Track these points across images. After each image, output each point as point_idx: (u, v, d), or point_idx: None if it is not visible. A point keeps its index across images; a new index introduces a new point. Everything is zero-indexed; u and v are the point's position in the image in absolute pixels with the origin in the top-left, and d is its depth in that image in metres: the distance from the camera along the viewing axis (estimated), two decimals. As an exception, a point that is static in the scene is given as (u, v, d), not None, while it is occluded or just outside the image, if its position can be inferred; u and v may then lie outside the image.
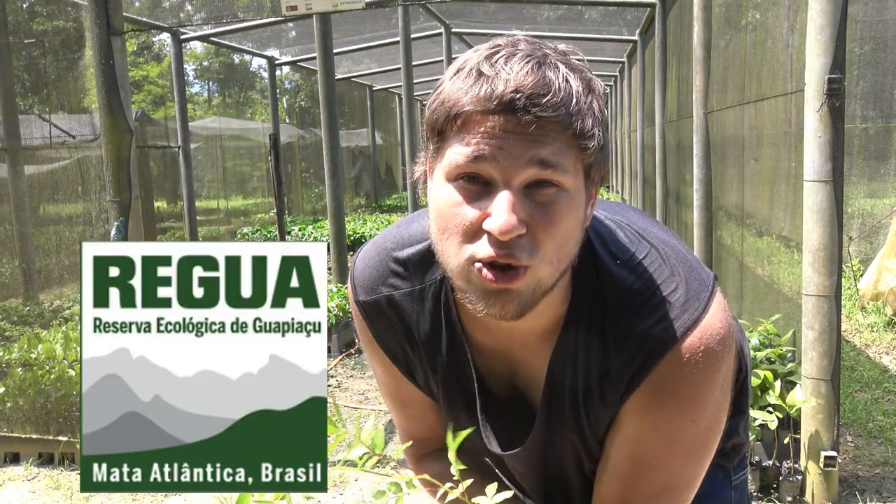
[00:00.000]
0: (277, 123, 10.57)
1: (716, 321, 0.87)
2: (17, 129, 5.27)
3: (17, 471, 3.32)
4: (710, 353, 0.86)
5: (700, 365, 0.85)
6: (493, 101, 0.76)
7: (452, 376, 1.00)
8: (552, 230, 0.79)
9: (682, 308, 0.87)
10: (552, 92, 0.76)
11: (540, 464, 1.02)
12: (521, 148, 0.76)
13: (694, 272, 0.90)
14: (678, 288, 0.88)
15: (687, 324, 0.86)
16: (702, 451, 0.92)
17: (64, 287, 5.28)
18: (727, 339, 0.88)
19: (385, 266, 0.99)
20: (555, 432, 0.97)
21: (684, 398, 0.87)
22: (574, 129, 0.77)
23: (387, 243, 1.01)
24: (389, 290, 0.99)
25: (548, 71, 0.77)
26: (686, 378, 0.86)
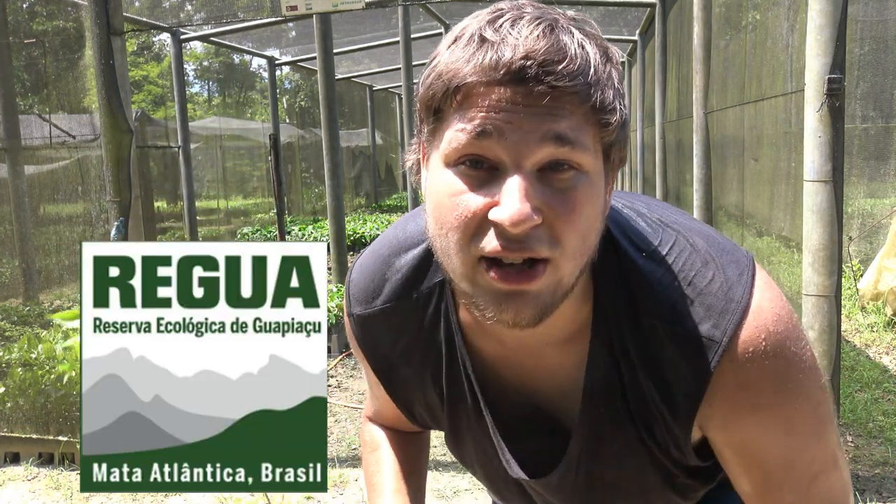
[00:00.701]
0: (277, 123, 10.57)
1: (766, 301, 0.76)
2: (17, 129, 5.27)
3: (17, 471, 3.32)
4: (774, 337, 0.74)
5: (770, 353, 0.74)
6: (500, 70, 0.64)
7: (455, 394, 0.89)
8: (573, 220, 0.67)
9: (727, 298, 0.75)
10: (568, 58, 0.65)
11: (584, 493, 0.90)
12: (534, 122, 0.65)
13: (728, 255, 0.79)
14: (715, 277, 0.76)
15: (737, 316, 0.74)
16: (821, 425, 0.80)
17: (64, 287, 5.29)
18: (786, 315, 0.76)
19: (381, 275, 0.88)
20: (606, 459, 0.85)
21: (771, 394, 0.75)
22: (594, 101, 0.66)
23: (383, 249, 0.90)
24: (385, 302, 0.88)
25: (561, 35, 0.66)
26: (763, 373, 0.75)
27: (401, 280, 0.87)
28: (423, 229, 0.84)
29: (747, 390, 0.75)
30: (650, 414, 0.80)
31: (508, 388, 0.87)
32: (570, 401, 0.84)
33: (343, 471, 3.18)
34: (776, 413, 0.77)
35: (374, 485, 1.05)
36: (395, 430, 1.09)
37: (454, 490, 2.98)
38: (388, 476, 1.05)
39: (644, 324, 0.77)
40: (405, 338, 0.89)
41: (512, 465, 0.88)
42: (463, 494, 2.94)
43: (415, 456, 1.10)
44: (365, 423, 1.13)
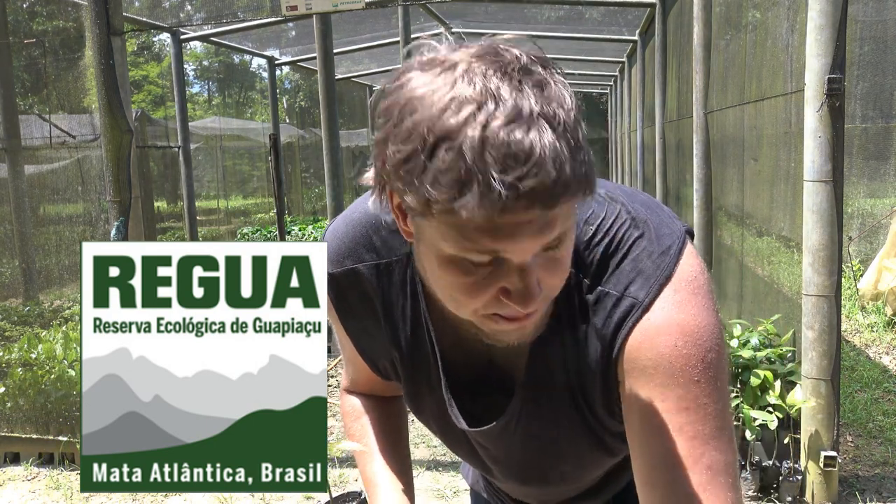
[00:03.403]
0: (277, 123, 10.57)
1: (688, 268, 0.83)
2: (17, 129, 5.27)
3: (17, 471, 3.32)
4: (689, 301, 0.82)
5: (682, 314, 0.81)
6: (504, 215, 0.66)
7: (415, 354, 0.96)
8: (560, 272, 0.76)
9: (655, 264, 0.83)
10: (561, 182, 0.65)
11: (521, 455, 0.99)
12: (532, 238, 0.69)
13: (665, 227, 0.86)
14: (650, 244, 0.84)
15: (661, 280, 0.82)
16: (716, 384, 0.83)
17: (64, 287, 5.28)
18: (705, 284, 0.84)
19: (351, 239, 0.94)
20: (544, 425, 0.93)
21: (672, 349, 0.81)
22: (579, 195, 0.69)
23: (355, 214, 0.95)
24: (354, 262, 0.93)
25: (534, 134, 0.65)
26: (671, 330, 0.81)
27: (370, 244, 0.93)
28: None
29: (654, 347, 0.82)
30: (587, 376, 0.88)
31: (467, 342, 0.92)
32: (520, 359, 0.91)
33: (343, 471, 3.19)
34: (676, 369, 0.82)
35: (363, 451, 1.13)
36: (373, 396, 1.16)
37: (454, 490, 2.98)
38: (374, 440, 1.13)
39: (584, 288, 0.85)
40: (373, 300, 0.95)
41: (459, 417, 0.97)
42: (463, 495, 2.94)
43: (396, 416, 1.17)
44: (343, 396, 1.19)
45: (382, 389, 1.13)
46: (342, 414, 1.19)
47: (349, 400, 1.18)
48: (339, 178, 5.62)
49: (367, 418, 1.14)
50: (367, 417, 1.14)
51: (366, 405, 1.16)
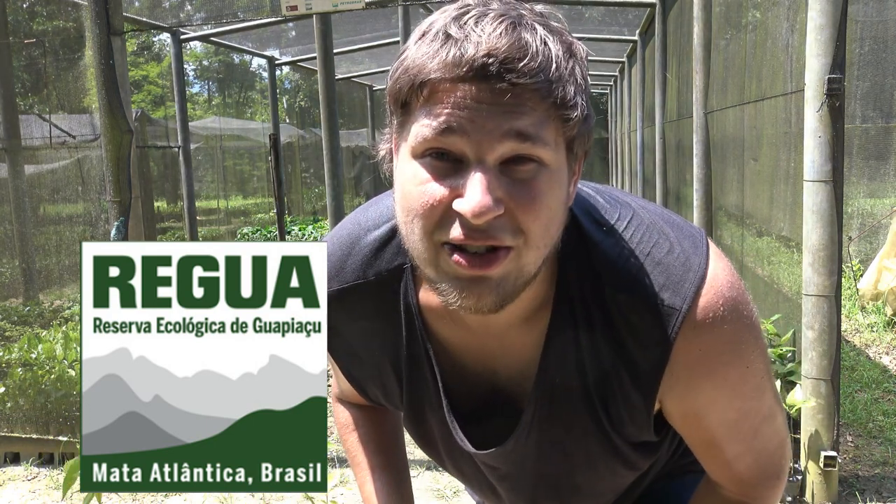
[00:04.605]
0: (277, 123, 10.57)
1: (720, 270, 0.81)
2: (17, 129, 5.27)
3: (17, 471, 3.32)
4: (730, 302, 0.79)
5: (728, 318, 0.78)
6: (463, 67, 0.67)
7: (414, 378, 0.91)
8: (534, 209, 0.70)
9: (685, 268, 0.79)
10: (529, 56, 0.67)
11: (533, 469, 0.93)
12: (496, 120, 0.68)
13: (682, 229, 0.84)
14: (673, 248, 0.80)
15: (696, 284, 0.78)
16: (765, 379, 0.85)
17: (64, 287, 5.28)
18: (737, 282, 0.82)
19: (340, 256, 0.90)
20: (558, 435, 0.88)
21: (727, 356, 0.80)
22: (554, 97, 0.69)
23: (344, 231, 0.92)
24: (342, 283, 0.90)
25: (524, 32, 0.68)
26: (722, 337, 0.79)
27: (361, 261, 0.90)
28: (384, 212, 0.90)
29: (706, 355, 0.79)
30: (609, 387, 0.83)
31: (468, 370, 0.90)
32: (528, 381, 0.87)
33: (343, 471, 3.18)
34: (730, 373, 0.81)
35: (360, 463, 1.10)
36: (364, 406, 1.13)
37: (454, 490, 2.98)
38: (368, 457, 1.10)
39: (607, 296, 0.80)
40: (363, 321, 0.92)
41: (464, 440, 0.92)
42: (462, 495, 2.94)
43: (390, 424, 1.14)
44: (335, 405, 1.16)
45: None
46: (336, 424, 1.17)
47: (342, 411, 1.15)
48: (339, 178, 5.61)
49: (360, 433, 1.11)
50: (359, 432, 1.11)
51: (356, 418, 1.13)
